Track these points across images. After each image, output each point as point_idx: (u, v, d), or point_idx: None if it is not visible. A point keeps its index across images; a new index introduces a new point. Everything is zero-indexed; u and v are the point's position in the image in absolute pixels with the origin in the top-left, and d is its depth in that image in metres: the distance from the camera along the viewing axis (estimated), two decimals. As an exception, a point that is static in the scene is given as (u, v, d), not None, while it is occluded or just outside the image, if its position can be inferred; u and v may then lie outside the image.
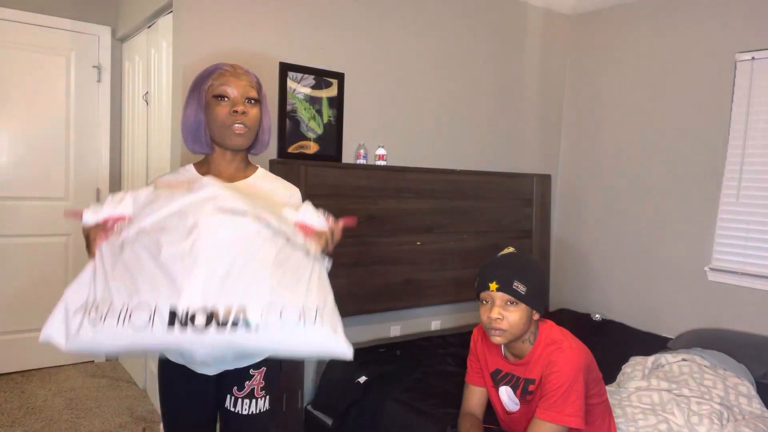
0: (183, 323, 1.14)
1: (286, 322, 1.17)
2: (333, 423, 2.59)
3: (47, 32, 3.51)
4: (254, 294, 1.17)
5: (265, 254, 1.22)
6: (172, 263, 1.18)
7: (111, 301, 1.18)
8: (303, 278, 1.24)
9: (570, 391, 1.64)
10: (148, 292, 1.17)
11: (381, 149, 2.98)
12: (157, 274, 1.18)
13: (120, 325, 1.16)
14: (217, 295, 1.15)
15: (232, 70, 1.49)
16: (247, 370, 1.59)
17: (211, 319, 1.14)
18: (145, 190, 1.39)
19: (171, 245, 1.20)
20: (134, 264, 1.22)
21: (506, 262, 1.73)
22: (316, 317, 1.20)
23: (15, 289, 3.55)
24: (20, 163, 3.50)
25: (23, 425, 2.90)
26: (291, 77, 2.75)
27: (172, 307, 1.14)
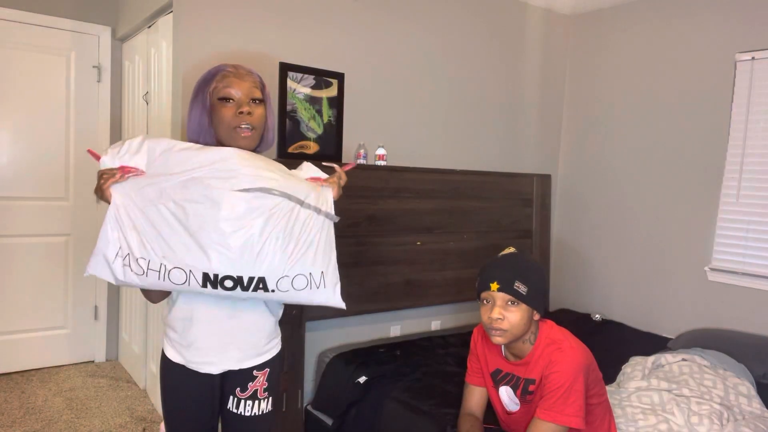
0: (213, 285, 1.36)
1: (297, 288, 1.42)
2: (333, 423, 2.59)
3: (47, 32, 3.51)
4: (271, 268, 1.38)
5: (281, 228, 1.38)
6: (201, 234, 1.34)
7: (149, 259, 1.36)
8: (312, 244, 1.43)
9: (570, 391, 1.64)
10: (183, 255, 1.34)
11: (381, 149, 2.98)
12: (189, 241, 1.34)
13: (161, 279, 1.36)
14: (241, 267, 1.35)
15: (234, 71, 1.50)
16: (251, 371, 1.58)
17: (237, 284, 1.36)
18: (163, 142, 1.42)
19: (198, 217, 1.34)
20: (163, 226, 1.36)
21: (507, 263, 1.73)
22: (320, 281, 1.45)
23: (15, 289, 3.55)
24: (20, 163, 3.50)
25: (23, 425, 2.90)
26: (291, 77, 2.75)
27: (205, 272, 1.34)
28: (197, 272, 1.34)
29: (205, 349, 1.54)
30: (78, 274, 3.73)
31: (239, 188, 1.35)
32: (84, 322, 3.79)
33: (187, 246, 1.34)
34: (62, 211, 3.66)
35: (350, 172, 2.84)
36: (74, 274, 3.72)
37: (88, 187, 3.71)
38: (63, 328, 3.73)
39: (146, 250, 1.36)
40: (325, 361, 2.82)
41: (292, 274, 1.40)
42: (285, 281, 1.40)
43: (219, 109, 1.48)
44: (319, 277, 1.44)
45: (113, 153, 1.40)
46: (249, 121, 1.47)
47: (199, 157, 1.38)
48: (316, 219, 1.45)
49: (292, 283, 1.41)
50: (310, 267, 1.43)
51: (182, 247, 1.34)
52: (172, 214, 1.35)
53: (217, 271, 1.34)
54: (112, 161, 1.40)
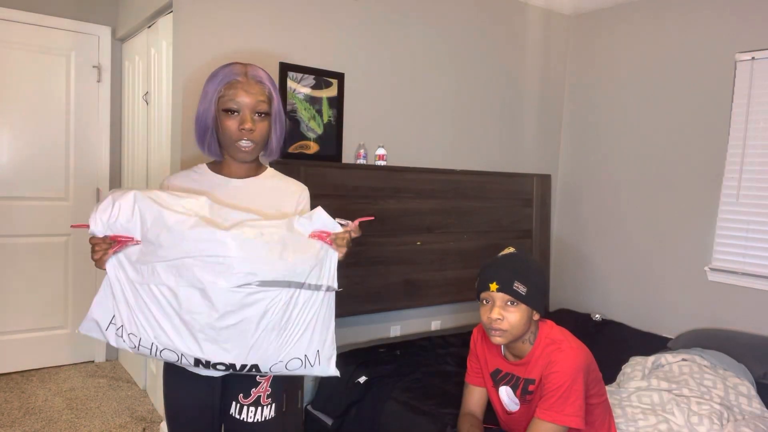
0: (206, 367, 1.38)
1: (291, 369, 1.43)
2: (333, 423, 2.59)
3: (47, 32, 3.51)
4: (264, 357, 1.38)
5: (277, 319, 1.37)
6: (193, 324, 1.34)
7: (140, 337, 1.36)
8: (309, 326, 1.41)
9: (570, 391, 1.64)
10: (174, 340, 1.34)
11: (381, 149, 2.98)
12: (181, 328, 1.34)
13: (153, 355, 1.38)
14: (234, 357, 1.36)
15: (244, 80, 1.46)
16: (254, 376, 1.56)
17: (230, 368, 1.39)
18: (153, 208, 1.35)
19: (191, 306, 1.33)
20: (155, 307, 1.35)
21: (507, 263, 1.73)
22: (315, 359, 1.43)
23: (15, 289, 3.55)
24: (20, 163, 3.50)
25: (23, 425, 2.90)
26: (291, 77, 2.75)
27: (197, 358, 1.36)
28: (189, 357, 1.35)
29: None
30: (78, 274, 3.73)
31: (234, 285, 1.31)
32: (84, 322, 3.78)
33: (179, 332, 1.34)
34: (62, 211, 3.66)
35: (351, 175, 2.84)
36: (74, 274, 3.72)
37: (88, 187, 3.71)
38: (63, 328, 3.73)
39: (137, 328, 1.36)
40: (325, 361, 2.82)
41: (286, 359, 1.40)
42: (279, 366, 1.40)
43: (223, 119, 1.47)
44: (314, 356, 1.43)
45: (102, 220, 1.34)
46: (250, 138, 1.46)
47: (189, 240, 1.31)
48: (317, 297, 1.41)
49: (286, 366, 1.41)
50: (305, 350, 1.41)
51: (174, 332, 1.34)
52: (164, 297, 1.34)
53: (209, 358, 1.35)
54: (103, 229, 1.34)
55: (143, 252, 1.35)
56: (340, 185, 2.79)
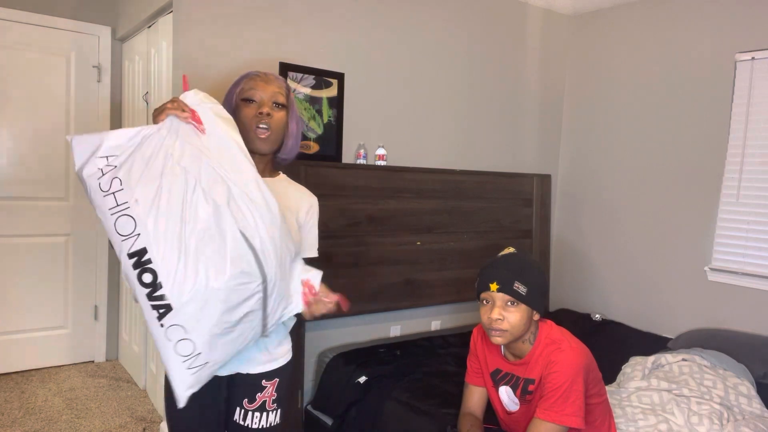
0: (135, 265, 1.24)
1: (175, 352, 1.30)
2: (333, 423, 2.59)
3: (47, 32, 3.51)
4: (192, 315, 1.27)
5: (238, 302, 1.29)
6: (181, 239, 1.23)
7: (123, 189, 1.23)
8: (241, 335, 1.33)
9: (570, 391, 1.64)
10: (151, 227, 1.22)
11: (381, 149, 2.98)
12: (169, 229, 1.23)
13: (110, 213, 1.24)
14: (176, 294, 1.24)
15: (263, 75, 1.54)
16: (259, 381, 1.53)
17: (153, 287, 1.25)
18: (221, 127, 1.32)
19: (196, 230, 1.24)
20: (166, 194, 1.23)
21: (507, 263, 1.73)
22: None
23: (15, 289, 3.55)
24: (20, 163, 3.50)
25: (23, 425, 2.90)
26: (291, 77, 2.75)
27: (141, 251, 1.23)
28: (139, 244, 1.21)
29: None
30: (78, 274, 3.73)
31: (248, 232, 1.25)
32: (84, 322, 3.79)
33: (163, 231, 1.21)
34: (62, 211, 3.66)
35: (351, 175, 2.84)
36: (74, 274, 3.72)
37: (88, 187, 3.71)
38: (63, 328, 3.73)
39: (130, 182, 1.22)
40: (325, 361, 2.82)
41: (192, 336, 1.26)
42: (178, 331, 1.25)
43: (242, 109, 1.50)
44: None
45: (198, 97, 1.33)
46: (267, 122, 1.48)
47: (243, 170, 1.28)
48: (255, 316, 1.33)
49: (178, 344, 1.27)
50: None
51: (160, 223, 1.21)
52: (183, 199, 1.23)
53: (159, 270, 1.20)
54: (193, 100, 1.33)
55: (200, 149, 1.26)
56: (340, 185, 2.79)
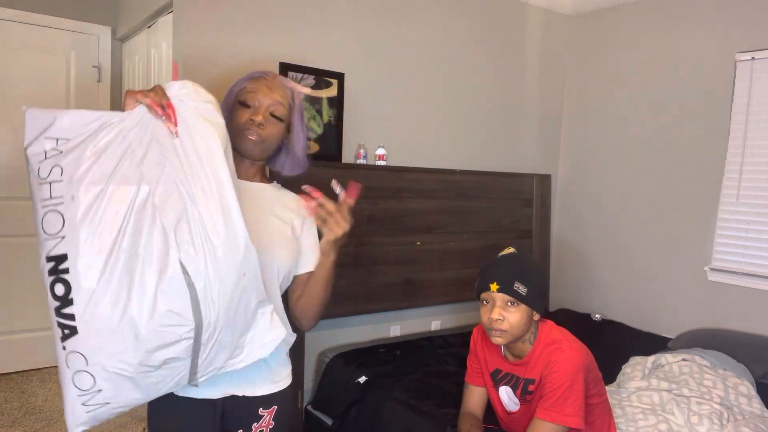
0: (51, 271, 1.09)
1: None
2: (333, 423, 2.59)
3: (47, 32, 3.51)
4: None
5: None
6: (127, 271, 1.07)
7: (65, 169, 1.06)
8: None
9: (570, 391, 1.64)
10: (83, 238, 1.05)
11: (381, 149, 2.98)
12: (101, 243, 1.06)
13: (38, 207, 1.09)
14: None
15: (269, 79, 1.40)
16: (256, 408, 1.38)
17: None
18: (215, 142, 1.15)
19: (138, 255, 1.07)
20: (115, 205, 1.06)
21: (507, 263, 1.73)
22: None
23: (15, 289, 3.55)
24: (20, 163, 3.50)
25: (23, 425, 2.90)
26: (291, 77, 2.75)
27: (58, 257, 1.08)
28: (61, 248, 1.04)
29: None
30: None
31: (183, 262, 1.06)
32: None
33: (92, 241, 1.03)
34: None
35: (351, 175, 2.83)
36: (74, 274, 3.72)
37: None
38: (63, 328, 3.73)
39: (72, 174, 1.05)
40: (325, 361, 2.82)
41: (92, 369, 1.08)
42: (79, 360, 1.09)
43: (236, 109, 1.38)
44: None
45: (185, 90, 1.18)
46: (257, 132, 1.35)
47: (212, 192, 1.11)
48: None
49: (76, 375, 1.10)
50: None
51: (90, 231, 1.04)
52: (127, 209, 1.05)
53: (74, 284, 1.04)
54: (178, 93, 1.17)
55: (167, 156, 1.09)
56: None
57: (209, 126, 1.15)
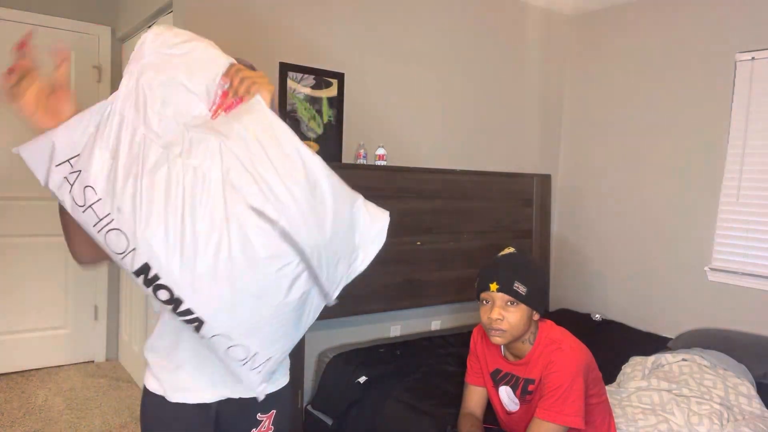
0: (146, 283, 1.05)
1: (223, 355, 1.11)
2: (333, 423, 2.59)
3: (47, 32, 3.51)
4: (231, 315, 1.09)
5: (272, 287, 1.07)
6: (186, 219, 1.01)
7: (101, 199, 1.01)
8: (290, 318, 1.12)
9: (570, 391, 1.64)
10: (143, 229, 0.99)
11: (381, 149, 2.98)
12: (170, 221, 1.00)
13: (95, 230, 1.02)
14: (192, 291, 1.06)
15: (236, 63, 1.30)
16: (254, 414, 1.32)
17: (173, 303, 1.06)
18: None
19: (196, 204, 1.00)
20: (156, 182, 0.99)
21: (506, 263, 1.73)
22: (260, 365, 1.13)
23: (15, 289, 3.55)
24: (20, 163, 3.49)
25: (23, 425, 2.90)
26: (291, 77, 2.75)
27: (146, 265, 1.03)
28: (139, 260, 1.00)
29: (198, 370, 1.24)
30: (78, 274, 3.73)
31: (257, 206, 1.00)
32: (84, 322, 3.79)
33: (159, 238, 0.98)
34: (62, 211, 3.66)
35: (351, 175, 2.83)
36: (74, 274, 3.72)
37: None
38: (63, 328, 3.73)
39: (108, 187, 0.99)
40: (325, 361, 2.82)
41: (239, 339, 1.06)
42: (222, 339, 1.06)
43: None
44: (262, 361, 1.12)
45: (161, 37, 1.07)
46: None
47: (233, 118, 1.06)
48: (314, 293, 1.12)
49: (228, 349, 1.07)
50: (264, 344, 1.10)
51: (152, 230, 0.98)
52: (167, 188, 0.99)
53: (171, 286, 1.00)
54: (158, 47, 1.07)
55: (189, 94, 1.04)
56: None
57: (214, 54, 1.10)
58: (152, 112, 1.03)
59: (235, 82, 1.09)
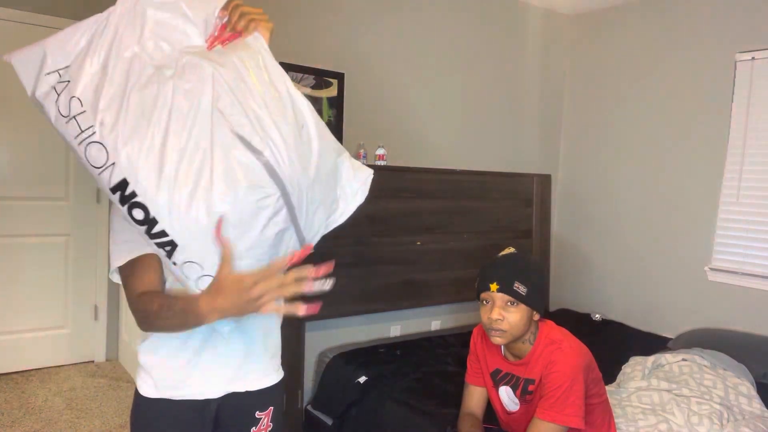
0: (121, 200, 1.03)
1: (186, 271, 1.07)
2: (333, 423, 2.60)
3: (47, 32, 3.48)
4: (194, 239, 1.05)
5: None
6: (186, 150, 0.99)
7: (85, 111, 0.99)
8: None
9: (570, 391, 1.64)
10: (131, 151, 0.97)
11: (381, 149, 2.98)
12: (165, 149, 0.97)
13: (76, 143, 1.00)
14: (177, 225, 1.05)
15: None
16: (252, 412, 1.31)
17: (147, 223, 1.05)
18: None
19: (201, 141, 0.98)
20: (149, 100, 0.98)
21: (507, 263, 1.73)
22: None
23: (15, 289, 3.55)
24: (20, 163, 3.50)
25: (23, 425, 2.90)
26: (291, 77, 2.75)
27: (124, 182, 1.00)
28: (117, 175, 0.98)
29: (208, 365, 1.23)
30: (78, 274, 3.73)
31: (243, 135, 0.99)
32: (84, 322, 3.79)
33: (139, 155, 0.96)
34: (62, 211, 3.65)
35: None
36: (74, 274, 3.72)
37: (88, 186, 3.71)
38: (63, 328, 3.73)
39: (90, 99, 0.98)
40: (325, 361, 2.82)
41: (210, 270, 1.03)
42: (194, 267, 1.04)
43: None
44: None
45: None
46: None
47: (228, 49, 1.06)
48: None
49: (199, 281, 1.05)
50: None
51: (133, 146, 0.96)
52: (154, 106, 0.98)
53: (148, 204, 0.98)
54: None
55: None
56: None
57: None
58: (149, 32, 1.01)
59: (233, 18, 1.08)
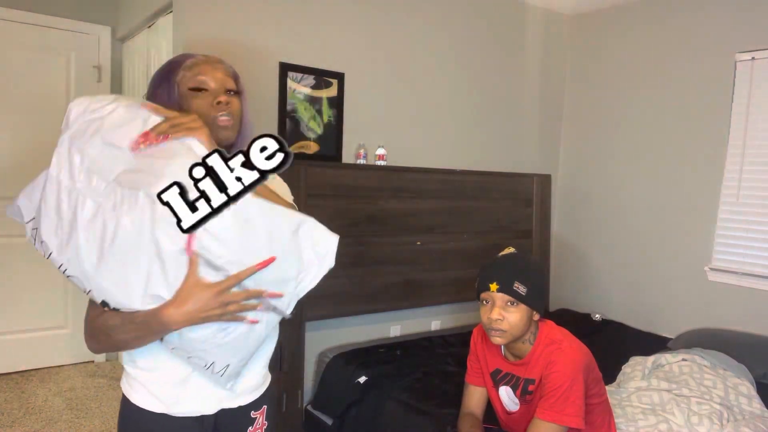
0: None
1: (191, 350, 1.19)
2: (333, 423, 2.60)
3: (47, 32, 3.51)
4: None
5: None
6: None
7: (52, 251, 1.17)
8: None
9: (570, 391, 1.64)
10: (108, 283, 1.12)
11: (381, 149, 2.98)
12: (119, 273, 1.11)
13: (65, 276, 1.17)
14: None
15: (205, 59, 1.30)
16: (247, 413, 1.33)
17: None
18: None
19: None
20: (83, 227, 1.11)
21: (506, 263, 1.73)
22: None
23: (15, 289, 3.55)
24: (20, 163, 3.50)
25: (23, 425, 2.90)
26: (291, 77, 2.75)
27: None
28: (98, 297, 1.17)
29: (205, 381, 1.24)
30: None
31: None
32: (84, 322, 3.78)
33: (110, 281, 1.12)
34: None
35: (351, 175, 2.83)
36: (74, 274, 3.72)
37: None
38: (63, 328, 3.73)
39: (53, 242, 1.16)
40: (325, 361, 2.82)
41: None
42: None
43: (191, 100, 1.23)
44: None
45: (81, 106, 1.26)
46: (228, 111, 1.24)
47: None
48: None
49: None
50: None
51: (102, 275, 1.12)
52: (102, 239, 1.09)
53: (124, 308, 1.13)
54: (83, 117, 1.25)
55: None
56: (340, 185, 2.79)
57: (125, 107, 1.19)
58: (84, 174, 1.14)
59: (163, 126, 1.12)
